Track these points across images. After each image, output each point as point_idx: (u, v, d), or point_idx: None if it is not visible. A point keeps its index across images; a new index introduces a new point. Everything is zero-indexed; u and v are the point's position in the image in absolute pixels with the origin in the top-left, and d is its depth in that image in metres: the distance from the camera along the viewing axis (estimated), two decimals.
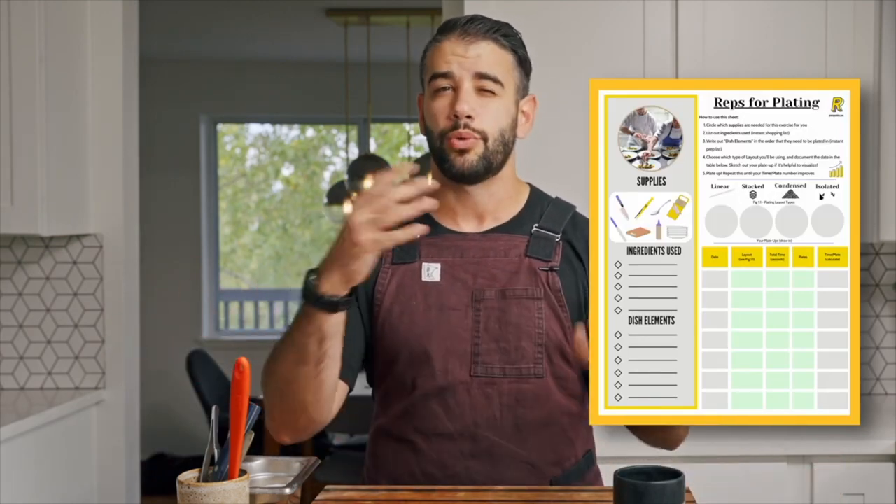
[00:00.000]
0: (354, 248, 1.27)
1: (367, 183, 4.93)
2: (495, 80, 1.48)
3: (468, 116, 1.46)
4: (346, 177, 5.10)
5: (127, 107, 2.90)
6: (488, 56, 1.49)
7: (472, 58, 1.48)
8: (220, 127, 6.61)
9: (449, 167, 1.50)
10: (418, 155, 5.74)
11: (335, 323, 1.33)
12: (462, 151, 1.48)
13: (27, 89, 2.56)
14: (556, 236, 1.53)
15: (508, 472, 1.49)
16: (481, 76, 1.48)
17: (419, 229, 1.30)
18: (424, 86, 1.54)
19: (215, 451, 1.21)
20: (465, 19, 1.51)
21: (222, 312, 6.56)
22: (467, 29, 1.49)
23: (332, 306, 1.31)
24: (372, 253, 1.28)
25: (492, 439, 1.48)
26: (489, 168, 1.50)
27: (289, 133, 7.03)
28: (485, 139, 1.48)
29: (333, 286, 1.30)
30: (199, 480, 1.19)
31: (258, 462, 1.39)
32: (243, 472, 1.21)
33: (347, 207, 5.16)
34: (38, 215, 2.56)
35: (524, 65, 1.55)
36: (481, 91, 1.48)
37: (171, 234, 6.07)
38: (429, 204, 1.29)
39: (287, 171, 7.06)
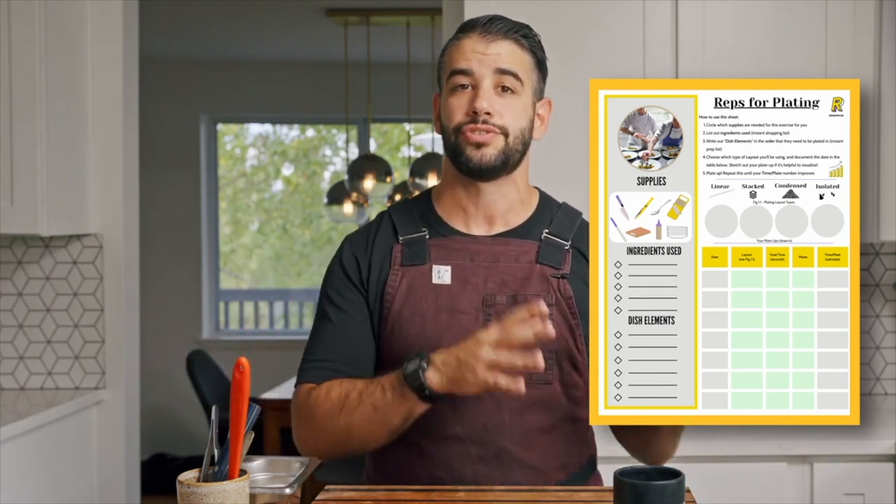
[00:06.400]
0: (474, 379, 1.32)
1: (368, 183, 4.92)
2: (516, 77, 1.48)
3: (487, 113, 1.46)
4: (346, 177, 5.10)
5: (127, 107, 2.90)
6: (509, 55, 1.49)
7: (493, 55, 1.48)
8: (220, 127, 6.61)
9: (465, 161, 1.49)
10: (418, 155, 5.74)
11: (425, 408, 1.39)
12: (479, 145, 1.47)
13: (27, 89, 2.56)
14: (566, 244, 1.53)
15: (515, 475, 1.48)
16: (502, 72, 1.48)
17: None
18: (442, 84, 1.54)
19: (215, 451, 1.20)
20: (485, 19, 1.51)
21: (222, 312, 6.55)
22: (488, 28, 1.49)
23: (431, 399, 1.37)
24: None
25: (500, 443, 1.48)
26: (506, 163, 1.50)
27: (289, 133, 7.02)
28: (505, 134, 1.48)
29: (442, 385, 1.35)
30: (199, 480, 1.19)
31: (258, 462, 1.39)
32: (243, 472, 1.21)
33: (348, 207, 5.16)
34: (38, 215, 2.56)
35: (542, 68, 1.55)
36: (501, 88, 1.48)
37: (171, 234, 6.07)
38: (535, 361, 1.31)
39: (287, 171, 7.06)
